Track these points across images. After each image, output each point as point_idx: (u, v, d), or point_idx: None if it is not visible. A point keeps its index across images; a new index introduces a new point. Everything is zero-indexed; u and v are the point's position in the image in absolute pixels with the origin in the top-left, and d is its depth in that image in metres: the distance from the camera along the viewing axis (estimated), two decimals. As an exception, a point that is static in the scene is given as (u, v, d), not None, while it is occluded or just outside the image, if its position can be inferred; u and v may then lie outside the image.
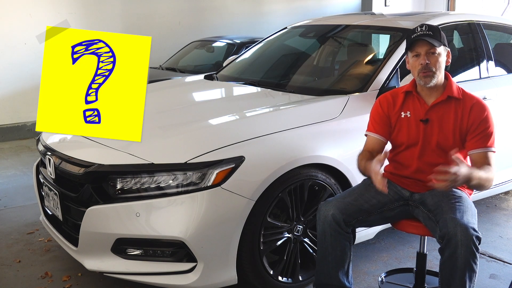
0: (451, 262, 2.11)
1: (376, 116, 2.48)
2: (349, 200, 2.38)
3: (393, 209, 2.42)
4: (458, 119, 2.34)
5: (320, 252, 2.40)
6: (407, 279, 2.79)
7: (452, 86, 2.38)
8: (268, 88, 3.42)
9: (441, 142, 2.35)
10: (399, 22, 3.70)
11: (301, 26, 4.22)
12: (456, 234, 2.08)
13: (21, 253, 3.26)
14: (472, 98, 2.38)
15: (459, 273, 2.10)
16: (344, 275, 2.40)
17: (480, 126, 2.32)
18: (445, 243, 2.12)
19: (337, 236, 2.33)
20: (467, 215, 2.17)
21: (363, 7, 9.63)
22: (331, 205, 2.34)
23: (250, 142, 2.52)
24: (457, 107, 2.36)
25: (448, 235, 2.10)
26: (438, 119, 2.36)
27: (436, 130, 2.36)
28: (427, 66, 2.30)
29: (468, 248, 2.07)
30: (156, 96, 3.67)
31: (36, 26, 6.69)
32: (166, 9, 7.82)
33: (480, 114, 2.33)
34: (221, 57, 6.25)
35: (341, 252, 2.36)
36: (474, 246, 2.08)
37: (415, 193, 2.42)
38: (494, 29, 3.99)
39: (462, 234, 2.07)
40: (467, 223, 2.10)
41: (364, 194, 2.41)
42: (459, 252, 2.07)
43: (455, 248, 2.08)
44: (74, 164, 2.61)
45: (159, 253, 2.49)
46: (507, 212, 3.97)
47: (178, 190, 2.40)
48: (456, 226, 2.09)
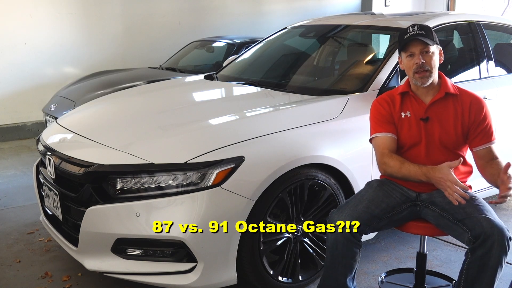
0: (483, 261, 2.11)
1: (379, 117, 2.43)
2: (361, 208, 2.30)
3: (401, 211, 2.38)
4: (459, 115, 2.36)
5: (330, 260, 2.33)
6: (407, 279, 2.79)
7: (447, 83, 2.41)
8: (268, 88, 3.42)
9: (444, 139, 2.36)
10: (399, 22, 3.70)
11: (301, 26, 4.22)
12: (493, 234, 2.09)
13: (21, 253, 3.26)
14: (469, 94, 2.41)
15: (490, 272, 2.12)
16: (351, 280, 2.38)
17: (481, 123, 2.36)
18: (480, 243, 2.11)
19: (349, 245, 2.27)
20: (495, 215, 2.20)
21: (363, 7, 9.63)
22: (344, 214, 2.27)
23: (250, 142, 2.52)
24: (456, 103, 2.38)
25: (485, 235, 2.09)
26: (438, 116, 2.37)
27: (437, 127, 2.37)
28: (422, 65, 2.30)
29: (503, 248, 2.09)
30: (156, 96, 3.68)
31: (36, 26, 6.70)
32: (166, 9, 7.82)
33: (480, 111, 2.37)
34: (221, 57, 6.25)
35: (352, 259, 2.31)
36: (508, 246, 2.11)
37: (422, 193, 2.40)
38: (494, 29, 3.99)
39: (499, 234, 2.09)
40: (501, 223, 2.13)
41: (374, 199, 2.35)
42: (494, 252, 2.09)
43: (490, 248, 2.09)
44: (74, 164, 2.61)
45: (159, 253, 2.49)
46: (507, 212, 3.97)
47: (178, 190, 2.40)
48: (493, 226, 2.10)
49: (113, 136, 2.80)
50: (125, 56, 7.48)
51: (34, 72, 6.71)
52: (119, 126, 2.99)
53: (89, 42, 7.15)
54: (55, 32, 6.85)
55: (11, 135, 6.63)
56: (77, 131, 2.96)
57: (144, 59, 7.47)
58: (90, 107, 3.59)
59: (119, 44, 7.43)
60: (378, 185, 2.43)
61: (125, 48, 7.48)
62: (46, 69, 6.81)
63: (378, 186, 2.42)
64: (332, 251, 2.30)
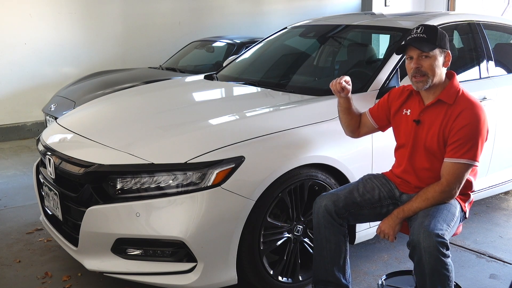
0: (420, 268, 2.11)
1: (380, 102, 2.56)
2: (342, 193, 2.40)
3: (383, 206, 2.43)
4: (444, 123, 2.27)
5: (316, 246, 2.42)
6: (407, 282, 2.77)
7: (450, 89, 2.30)
8: (268, 88, 3.42)
9: (428, 146, 2.32)
10: (399, 22, 3.70)
11: (301, 26, 4.22)
12: (419, 242, 2.06)
13: (21, 253, 3.26)
14: (466, 103, 2.26)
15: (429, 279, 2.10)
16: (340, 271, 2.40)
17: (458, 133, 2.22)
18: (412, 250, 2.12)
19: (331, 228, 2.34)
20: (436, 220, 2.13)
21: (363, 7, 9.62)
22: (324, 198, 2.39)
23: (250, 142, 2.52)
24: (448, 111, 2.27)
25: (413, 242, 2.09)
26: (429, 121, 2.32)
27: (425, 132, 2.33)
28: (418, 70, 2.26)
29: (433, 255, 2.04)
30: (156, 96, 3.68)
31: (36, 26, 6.69)
32: (166, 9, 7.82)
33: (463, 121, 2.21)
34: (221, 57, 6.25)
35: (336, 245, 2.37)
36: (439, 253, 2.04)
37: (404, 194, 2.44)
38: (494, 29, 3.98)
39: (425, 241, 2.05)
40: (432, 230, 2.07)
41: (359, 188, 2.44)
42: (425, 259, 2.06)
43: (420, 256, 2.07)
44: (74, 164, 2.61)
45: (159, 253, 2.49)
46: (507, 212, 3.97)
47: (178, 190, 2.40)
48: (420, 233, 2.08)
49: (113, 136, 2.80)
50: (125, 56, 7.48)
51: (34, 72, 6.71)
52: (119, 126, 2.99)
53: (89, 42, 7.15)
54: (55, 32, 6.85)
55: (11, 135, 6.63)
56: (77, 131, 2.96)
57: (144, 59, 7.47)
58: (90, 107, 3.58)
59: (119, 44, 7.43)
60: (369, 177, 2.52)
61: (125, 48, 7.48)
62: (46, 69, 6.80)
63: (369, 179, 2.50)
64: (316, 235, 2.40)
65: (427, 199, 2.24)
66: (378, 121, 2.55)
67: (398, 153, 2.49)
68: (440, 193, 2.24)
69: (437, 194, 2.24)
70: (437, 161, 2.32)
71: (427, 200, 2.24)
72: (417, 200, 2.26)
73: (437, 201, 2.24)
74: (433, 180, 2.31)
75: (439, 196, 2.24)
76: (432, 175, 2.33)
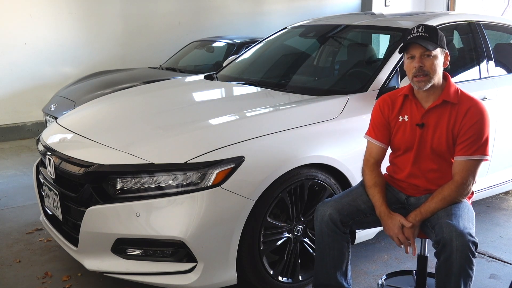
0: (446, 267, 2.11)
1: (377, 121, 2.44)
2: (346, 201, 2.37)
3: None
4: (451, 123, 2.27)
5: (318, 252, 2.40)
6: (407, 282, 2.77)
7: (450, 89, 2.31)
8: (268, 88, 3.42)
9: (435, 147, 2.31)
10: (399, 22, 3.70)
11: (301, 26, 4.22)
12: (451, 240, 2.07)
13: (21, 253, 3.26)
14: (470, 101, 2.28)
15: (454, 278, 2.10)
16: (342, 276, 2.40)
17: (468, 131, 2.23)
18: (440, 249, 2.11)
19: (335, 236, 2.32)
20: (463, 220, 2.15)
21: (363, 7, 9.62)
22: (328, 206, 2.34)
23: (250, 142, 2.52)
24: (452, 111, 2.27)
25: (444, 240, 2.09)
26: (434, 123, 2.31)
27: (430, 134, 2.31)
28: (420, 69, 2.24)
29: (464, 254, 2.06)
30: (156, 96, 3.68)
31: (36, 26, 6.69)
32: (166, 9, 7.82)
33: (472, 119, 2.23)
34: (221, 57, 6.25)
35: (339, 252, 2.35)
36: (470, 252, 2.07)
37: (411, 197, 2.42)
38: (494, 29, 3.98)
39: (457, 240, 2.06)
40: (463, 229, 2.09)
41: (362, 195, 2.40)
42: (454, 258, 2.06)
43: (450, 254, 2.07)
44: (74, 164, 2.61)
45: (159, 253, 2.49)
46: (507, 212, 3.97)
47: (178, 190, 2.40)
48: (452, 231, 2.08)
49: (113, 136, 2.80)
50: (125, 56, 7.48)
51: (34, 72, 6.71)
52: (119, 126, 2.99)
53: (89, 42, 7.15)
54: (55, 32, 6.85)
55: (11, 135, 6.63)
56: (77, 131, 2.96)
57: (144, 59, 7.47)
58: (90, 107, 3.58)
59: (119, 44, 7.43)
60: None
61: (125, 48, 7.48)
62: (46, 69, 6.80)
63: None
64: (319, 242, 2.37)
65: (444, 198, 2.24)
66: (386, 140, 2.44)
67: (398, 159, 2.43)
68: (456, 191, 2.24)
69: (453, 192, 2.24)
70: (444, 161, 2.32)
71: (444, 200, 2.24)
72: (433, 200, 2.25)
73: (453, 199, 2.25)
74: (442, 180, 2.31)
75: (455, 194, 2.24)
76: (440, 176, 2.33)
